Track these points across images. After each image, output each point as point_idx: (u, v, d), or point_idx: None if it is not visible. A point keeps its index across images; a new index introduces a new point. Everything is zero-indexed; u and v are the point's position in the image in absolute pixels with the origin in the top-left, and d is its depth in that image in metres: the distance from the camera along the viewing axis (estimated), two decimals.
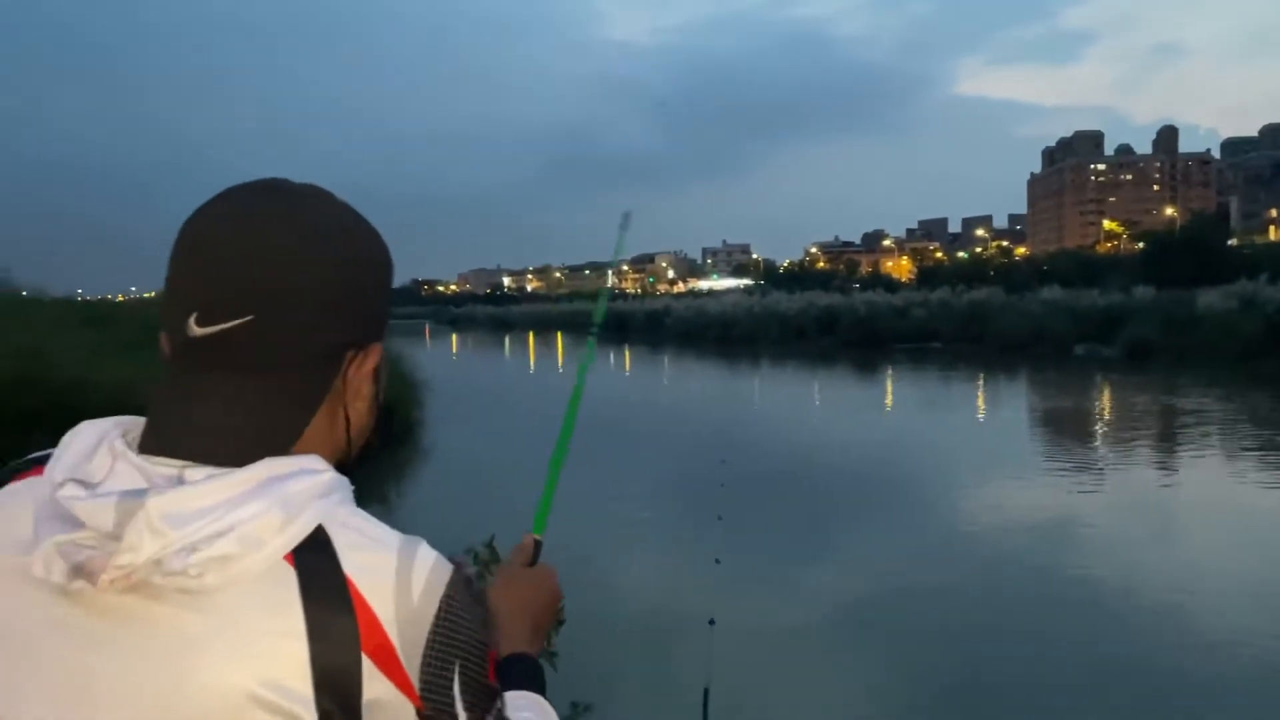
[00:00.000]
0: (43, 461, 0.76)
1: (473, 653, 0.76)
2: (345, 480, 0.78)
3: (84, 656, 0.70)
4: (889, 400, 22.78)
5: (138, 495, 0.69)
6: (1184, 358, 26.31)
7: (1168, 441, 15.14)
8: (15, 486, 0.78)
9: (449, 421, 16.12)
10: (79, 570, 0.68)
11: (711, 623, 6.56)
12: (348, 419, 0.83)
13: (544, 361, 41.64)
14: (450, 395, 18.65)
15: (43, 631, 0.71)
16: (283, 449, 0.76)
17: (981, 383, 25.21)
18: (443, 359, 42.84)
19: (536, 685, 1.00)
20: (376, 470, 12.82)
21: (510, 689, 0.94)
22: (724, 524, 7.95)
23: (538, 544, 1.17)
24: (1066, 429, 17.27)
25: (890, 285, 59.60)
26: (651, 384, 29.19)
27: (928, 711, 5.47)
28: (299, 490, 0.72)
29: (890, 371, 29.21)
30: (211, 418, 0.75)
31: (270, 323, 0.75)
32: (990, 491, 11.39)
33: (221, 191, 0.80)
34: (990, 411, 20.27)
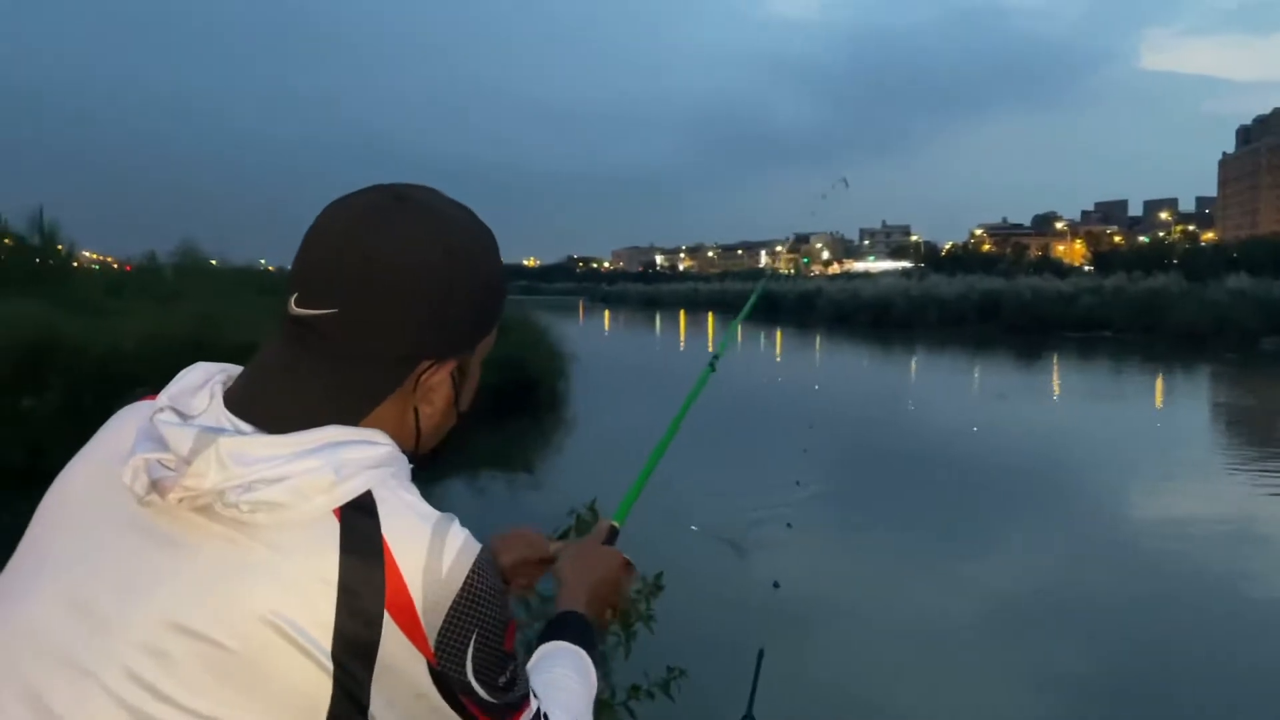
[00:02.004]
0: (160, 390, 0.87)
1: (491, 625, 0.83)
2: (402, 457, 0.86)
3: (151, 553, 0.80)
4: (1053, 390, 21.61)
5: (215, 431, 0.79)
6: None
7: None
8: (135, 405, 0.91)
9: (593, 393, 16.36)
10: (155, 486, 0.78)
11: (776, 585, 6.46)
12: (417, 419, 0.90)
13: (692, 341, 41.64)
14: (598, 369, 18.93)
15: (124, 527, 0.82)
16: (344, 425, 0.83)
17: (1156, 375, 23.60)
18: (594, 334, 43.51)
19: (581, 638, 1.08)
20: (517, 435, 13.19)
21: (557, 639, 1.07)
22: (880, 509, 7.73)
23: (614, 530, 1.27)
24: (1251, 428, 15.94)
25: (1060, 270, 56.63)
26: (798, 366, 28.73)
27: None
28: (353, 457, 0.81)
29: (1055, 360, 27.75)
30: (286, 390, 0.84)
31: (351, 320, 0.83)
32: (1161, 492, 10.64)
33: (356, 191, 0.88)
34: (1166, 406, 18.94)
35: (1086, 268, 61.94)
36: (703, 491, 9.44)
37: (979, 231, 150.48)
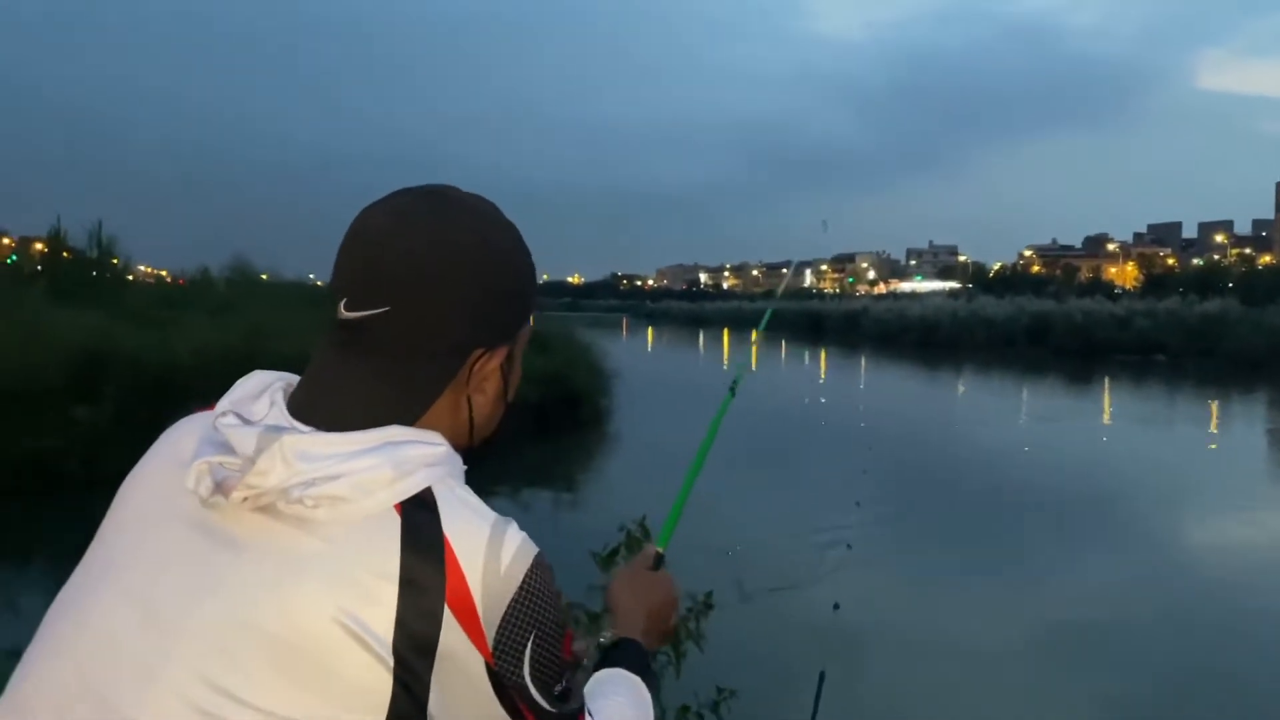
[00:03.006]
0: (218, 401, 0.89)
1: (548, 628, 0.83)
2: (458, 458, 0.88)
3: (215, 555, 0.81)
4: (1106, 414, 21.18)
5: (278, 430, 0.81)
6: None
7: None
8: (194, 416, 0.93)
9: (636, 410, 16.34)
10: (219, 486, 0.80)
11: (836, 607, 6.38)
12: (470, 410, 0.91)
13: (736, 359, 41.52)
14: (641, 386, 18.91)
15: (188, 530, 0.83)
16: (403, 425, 0.85)
17: (1212, 400, 23.04)
18: (638, 351, 43.56)
19: (638, 667, 1.07)
20: (562, 451, 13.21)
21: (614, 666, 1.06)
22: (909, 527, 7.63)
23: (659, 556, 1.27)
24: None
25: (1111, 292, 55.62)
26: (848, 386, 28.48)
27: None
28: (412, 455, 0.82)
29: (1107, 384, 27.22)
30: (343, 391, 0.86)
31: (404, 316, 0.85)
32: (1217, 519, 10.36)
33: (391, 192, 0.90)
34: (1222, 431, 18.46)
35: (1139, 291, 60.76)
36: (763, 511, 9.39)
37: (1028, 252, 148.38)
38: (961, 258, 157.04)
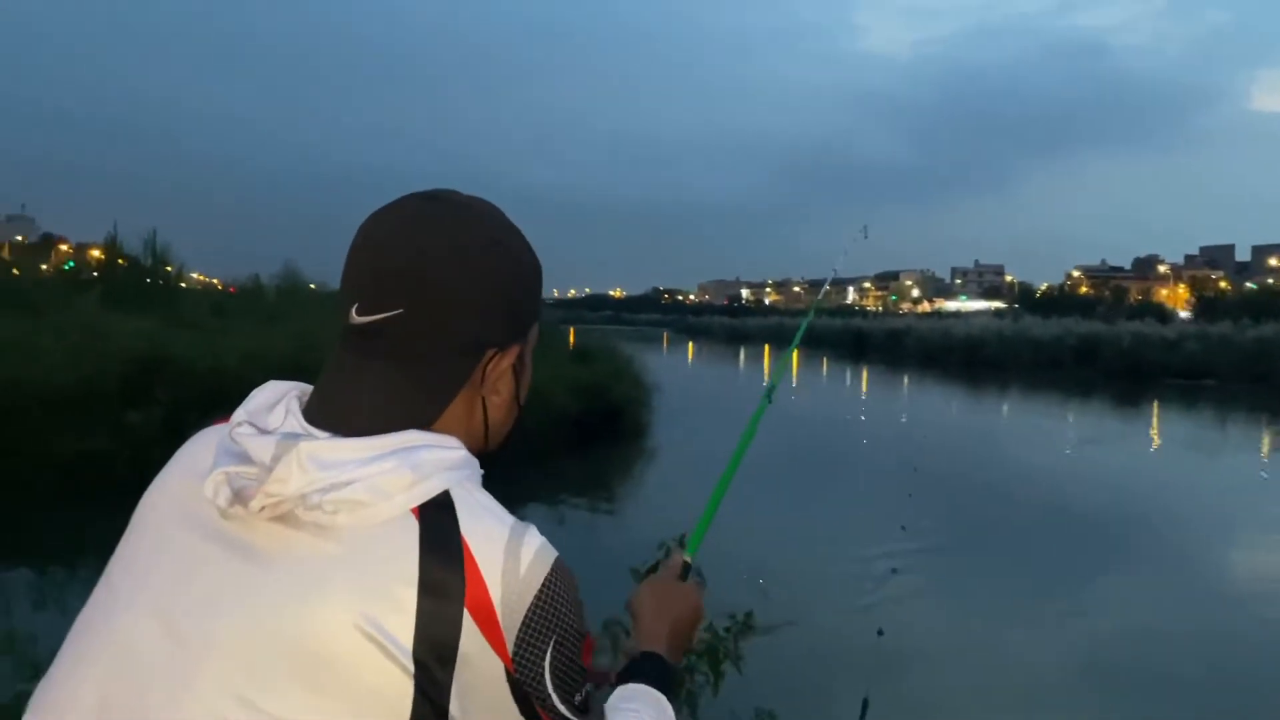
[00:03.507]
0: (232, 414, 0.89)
1: (568, 633, 0.83)
2: (475, 461, 0.87)
3: (235, 564, 0.81)
4: (1154, 439, 20.75)
5: (294, 438, 0.81)
6: None
7: None
8: (210, 428, 0.94)
9: (676, 424, 16.30)
10: (238, 496, 0.80)
11: (880, 633, 6.27)
12: (485, 411, 0.92)
13: (776, 376, 41.10)
14: (681, 400, 18.87)
15: (208, 541, 0.83)
16: (419, 429, 0.85)
17: (1265, 427, 22.47)
18: (678, 366, 43.45)
19: (662, 682, 1.05)
20: (604, 463, 13.21)
21: (635, 681, 1.04)
22: (950, 548, 7.51)
23: (687, 565, 1.26)
24: None
25: (1162, 315, 54.56)
26: (892, 405, 28.20)
27: None
28: (430, 459, 0.82)
29: (1156, 408, 26.67)
30: (358, 397, 0.86)
31: (416, 317, 0.85)
32: (1270, 548, 10.09)
33: (397, 198, 0.91)
34: (1275, 460, 17.99)
35: (1188, 314, 59.56)
36: (804, 531, 9.31)
37: (1076, 273, 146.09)
38: (1008, 277, 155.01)
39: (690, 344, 74.40)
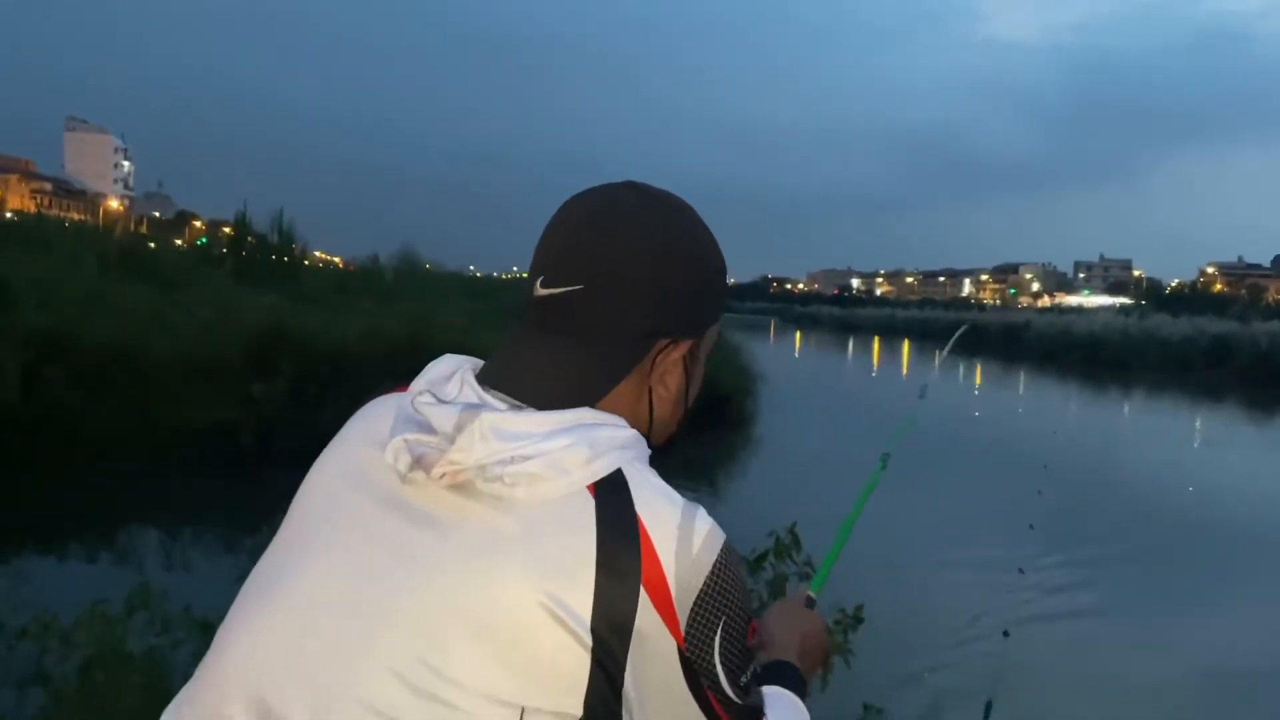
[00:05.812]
0: (408, 384, 0.91)
1: (737, 614, 0.84)
2: (643, 441, 0.88)
3: (412, 531, 0.82)
4: None
5: (476, 408, 0.83)
6: None
7: None
8: (385, 397, 0.95)
9: (783, 414, 16.16)
10: (419, 462, 0.81)
11: (1006, 634, 6.04)
12: (651, 402, 0.93)
13: (886, 369, 40.42)
14: (788, 391, 18.69)
15: (386, 506, 0.84)
16: (588, 405, 0.86)
17: None
18: (785, 356, 43.04)
19: (798, 691, 1.07)
20: (711, 449, 13.19)
21: (775, 685, 1.04)
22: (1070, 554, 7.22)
23: (810, 601, 1.27)
24: None
25: None
26: (1014, 402, 27.33)
27: None
28: (604, 437, 0.83)
29: None
30: (534, 367, 0.88)
31: (594, 295, 0.87)
32: None
33: (595, 186, 0.95)
34: None
35: None
36: (927, 525, 9.11)
37: (1210, 270, 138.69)
38: (1136, 273, 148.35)
39: (797, 333, 73.63)
